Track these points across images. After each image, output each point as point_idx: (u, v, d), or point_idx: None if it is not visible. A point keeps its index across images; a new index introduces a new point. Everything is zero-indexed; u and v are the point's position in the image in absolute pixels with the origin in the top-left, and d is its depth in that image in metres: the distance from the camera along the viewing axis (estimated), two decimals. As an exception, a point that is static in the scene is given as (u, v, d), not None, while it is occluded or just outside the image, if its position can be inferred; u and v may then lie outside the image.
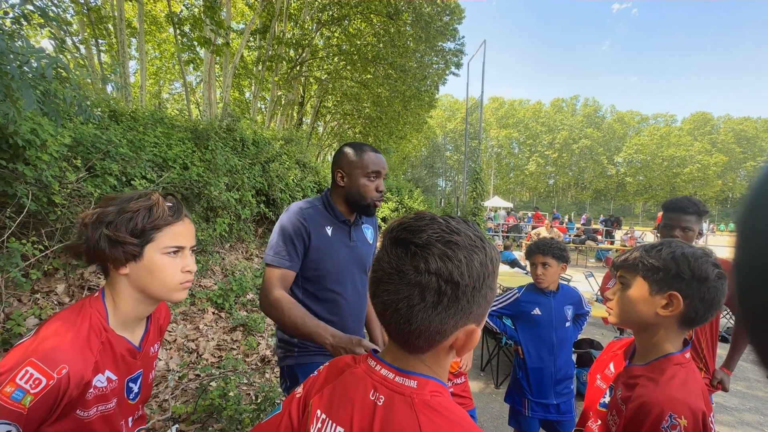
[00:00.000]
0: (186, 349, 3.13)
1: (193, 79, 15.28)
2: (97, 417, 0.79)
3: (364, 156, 1.38)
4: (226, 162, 4.71)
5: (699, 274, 0.84)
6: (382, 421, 0.53)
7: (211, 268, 4.43)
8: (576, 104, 55.99)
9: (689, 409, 0.76)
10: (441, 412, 0.52)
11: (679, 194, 1.81)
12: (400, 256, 0.52)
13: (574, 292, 1.94)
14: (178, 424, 2.24)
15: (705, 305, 0.84)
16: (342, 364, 0.66)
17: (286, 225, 1.35)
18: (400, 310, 0.52)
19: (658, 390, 0.81)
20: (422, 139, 29.32)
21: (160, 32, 12.27)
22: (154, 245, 0.82)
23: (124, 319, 0.85)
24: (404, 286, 0.51)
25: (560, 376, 1.82)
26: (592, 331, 4.94)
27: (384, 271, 0.53)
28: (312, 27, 11.39)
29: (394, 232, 0.55)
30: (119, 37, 6.91)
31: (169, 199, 0.88)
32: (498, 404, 3.06)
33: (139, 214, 0.81)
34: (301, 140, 9.02)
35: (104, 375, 0.79)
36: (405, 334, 0.54)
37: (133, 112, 4.65)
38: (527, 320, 1.87)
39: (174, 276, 0.85)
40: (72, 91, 1.69)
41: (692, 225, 1.72)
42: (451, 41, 14.63)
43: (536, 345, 1.84)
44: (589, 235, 13.69)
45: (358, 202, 1.40)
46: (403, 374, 0.56)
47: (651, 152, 47.56)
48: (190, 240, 0.90)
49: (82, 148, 2.97)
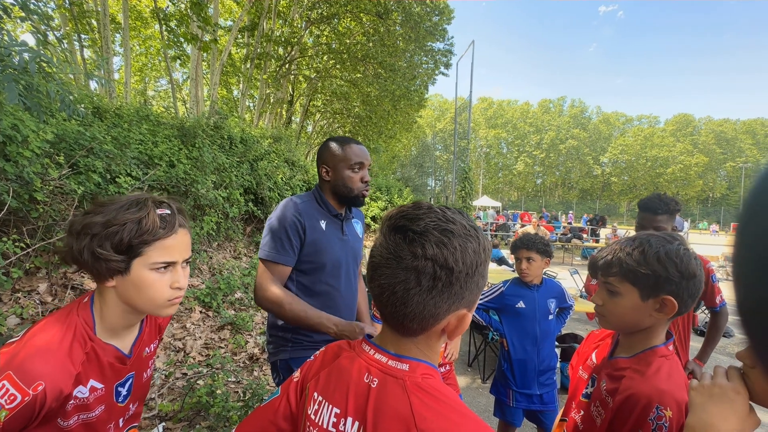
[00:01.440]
0: (173, 348, 3.10)
1: (179, 76, 15.04)
2: (77, 425, 0.77)
3: (347, 148, 1.40)
4: (213, 160, 4.67)
5: (687, 273, 0.83)
6: (375, 403, 0.55)
7: (198, 267, 4.39)
8: (563, 105, 56.90)
9: (674, 401, 0.78)
10: (431, 393, 0.54)
11: (670, 195, 1.88)
12: (398, 242, 0.54)
13: (557, 286, 1.99)
14: (164, 423, 2.22)
15: (693, 299, 0.86)
16: (337, 348, 0.68)
17: (281, 220, 1.35)
18: (396, 293, 0.54)
19: (644, 382, 0.82)
20: (412, 138, 29.42)
21: (145, 28, 12.06)
22: (142, 260, 0.77)
23: (112, 328, 0.83)
24: (401, 270, 0.53)
25: (543, 367, 1.87)
26: (577, 326, 5.05)
27: (382, 256, 0.55)
28: (301, 25, 11.33)
29: (393, 219, 0.57)
30: (103, 32, 6.77)
31: (164, 207, 0.81)
32: (484, 398, 3.11)
33: (126, 228, 0.75)
34: (290, 139, 8.98)
35: (87, 386, 0.78)
36: (400, 316, 0.56)
37: (117, 108, 4.58)
38: (512, 313, 1.92)
39: (162, 293, 0.80)
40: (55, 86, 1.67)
41: (663, 224, 1.79)
42: (441, 41, 14.71)
43: (520, 337, 1.89)
44: (575, 234, 13.95)
45: (345, 195, 1.41)
46: (396, 358, 0.58)
47: (635, 153, 48.65)
48: (184, 253, 0.83)
49: (65, 145, 2.92)
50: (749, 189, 0.27)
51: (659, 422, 0.76)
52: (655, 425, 0.76)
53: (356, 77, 12.81)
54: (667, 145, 48.41)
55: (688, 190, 47.01)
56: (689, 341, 1.84)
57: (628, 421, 0.80)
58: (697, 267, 0.85)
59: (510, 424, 1.94)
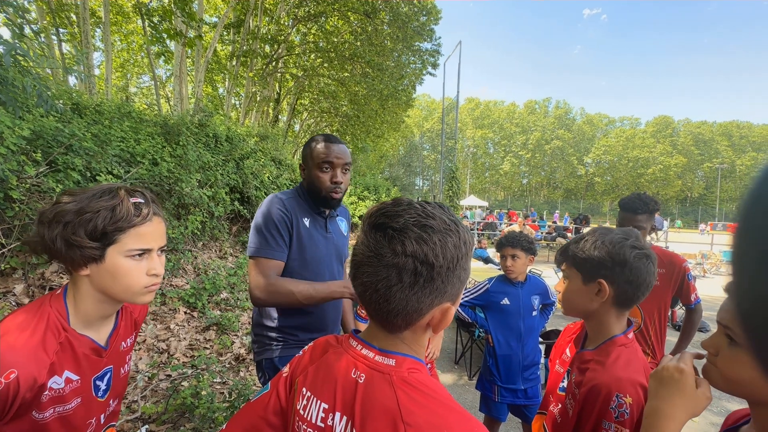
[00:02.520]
0: (156, 350, 3.04)
1: (162, 73, 14.73)
2: (53, 419, 0.76)
3: (316, 147, 1.37)
4: (198, 158, 4.59)
5: (619, 259, 0.90)
6: (363, 397, 0.56)
7: (182, 267, 4.31)
8: (548, 106, 57.82)
9: (633, 387, 0.81)
10: (418, 388, 0.55)
11: (649, 194, 1.94)
12: (378, 239, 0.55)
13: (541, 283, 2.03)
14: (147, 425, 2.18)
15: (632, 286, 0.90)
16: (325, 344, 0.69)
17: (270, 215, 1.32)
18: (379, 290, 0.54)
19: (605, 372, 0.86)
20: (400, 138, 29.49)
21: (127, 23, 11.76)
22: (117, 248, 0.77)
23: (86, 319, 0.81)
24: (383, 267, 0.54)
25: (527, 363, 1.91)
26: (561, 322, 5.15)
27: (364, 254, 0.56)
28: (288, 23, 11.22)
29: (373, 217, 0.57)
30: (82, 26, 6.57)
31: (137, 195, 0.81)
32: (471, 394, 3.15)
33: (100, 215, 0.75)
34: (277, 137, 8.89)
35: (62, 376, 0.76)
36: (384, 313, 0.56)
37: (97, 105, 4.46)
38: (497, 310, 1.95)
39: (138, 280, 0.80)
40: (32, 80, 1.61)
41: (643, 223, 1.84)
42: (428, 41, 14.78)
43: (505, 333, 1.92)
44: (560, 233, 14.21)
45: (316, 194, 1.39)
46: (382, 353, 0.59)
47: (617, 153, 49.83)
48: (159, 241, 0.84)
49: (42, 142, 2.83)
50: (749, 186, 0.27)
51: (620, 410, 0.80)
52: (617, 413, 0.80)
53: (344, 76, 12.76)
54: (647, 146, 49.73)
55: (667, 190, 48.39)
56: (665, 336, 1.90)
57: (593, 411, 0.84)
58: (630, 254, 0.90)
59: (495, 418, 1.97)
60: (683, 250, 11.18)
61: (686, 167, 48.71)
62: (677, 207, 46.02)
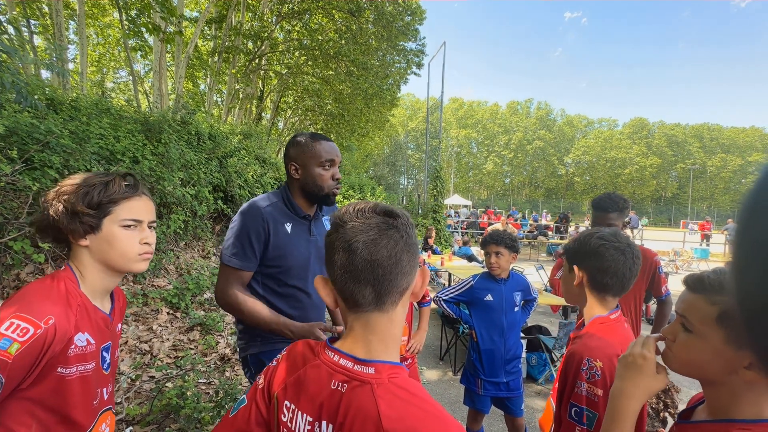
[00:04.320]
0: (139, 351, 2.99)
1: (141, 68, 14.31)
2: (77, 377, 0.81)
3: (317, 145, 1.35)
4: (180, 156, 4.52)
5: (586, 249, 1.05)
6: (346, 407, 0.58)
7: (164, 267, 4.23)
8: (530, 107, 58.89)
9: (605, 355, 0.92)
10: (398, 395, 0.58)
11: (620, 193, 2.05)
12: (376, 218, 0.61)
13: (523, 280, 2.11)
14: (132, 427, 2.15)
15: (600, 272, 1.03)
16: (300, 355, 0.69)
17: (244, 224, 1.32)
18: (387, 259, 0.59)
19: (580, 343, 0.99)
20: (384, 137, 29.51)
21: (103, 16, 11.38)
22: (112, 218, 0.87)
23: (92, 289, 0.89)
24: (389, 239, 0.60)
25: (509, 356, 1.98)
26: (542, 318, 5.29)
27: (367, 235, 0.60)
28: (272, 19, 11.09)
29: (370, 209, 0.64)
30: (55, 18, 6.32)
31: (127, 178, 0.92)
32: (455, 389, 3.22)
33: (96, 188, 0.86)
34: (260, 135, 8.79)
35: (84, 335, 0.83)
36: (381, 290, 0.60)
37: (73, 100, 4.32)
38: (480, 306, 2.02)
39: (132, 247, 0.90)
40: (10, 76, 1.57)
41: (615, 221, 1.96)
42: (413, 41, 14.86)
43: (488, 328, 1.99)
44: (541, 231, 14.55)
45: (315, 194, 1.39)
46: (361, 362, 0.61)
47: (596, 154, 51.21)
48: (149, 215, 0.94)
49: (16, 138, 2.74)
50: (751, 189, 0.27)
51: (591, 372, 0.91)
52: (589, 374, 0.91)
53: (328, 74, 12.68)
54: (624, 147, 51.28)
55: (643, 190, 50.04)
56: (640, 328, 2.01)
57: (569, 376, 0.96)
58: (596, 244, 1.04)
59: (479, 411, 2.04)
60: (658, 248, 11.64)
61: (660, 168, 50.49)
62: (652, 206, 47.68)
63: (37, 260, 2.71)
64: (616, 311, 1.06)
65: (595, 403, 0.88)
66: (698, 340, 0.68)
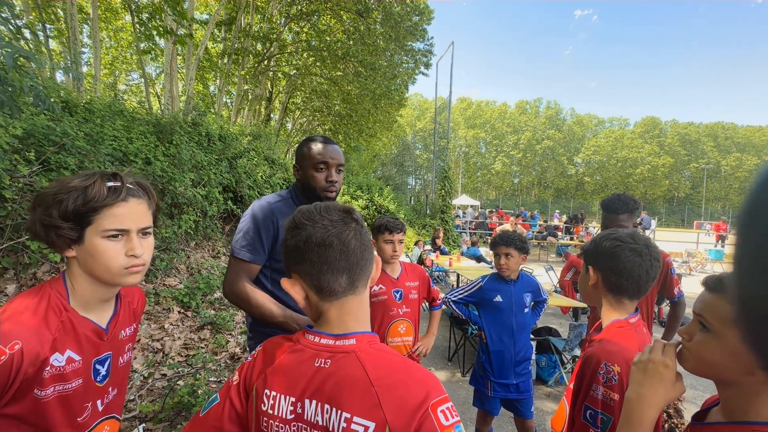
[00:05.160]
0: (151, 349, 3.04)
1: (152, 71, 14.54)
2: (54, 397, 0.78)
3: (312, 148, 1.42)
4: (191, 157, 4.58)
5: (600, 249, 1.05)
6: (332, 380, 0.62)
7: (175, 267, 4.29)
8: (539, 106, 58.34)
9: (623, 359, 0.90)
10: (381, 355, 0.64)
11: (632, 194, 2.03)
12: (345, 219, 0.69)
13: (533, 281, 2.09)
14: (144, 424, 2.19)
15: (614, 273, 1.02)
16: (276, 345, 0.72)
17: (254, 218, 1.37)
18: (360, 248, 0.69)
19: (597, 346, 0.97)
20: (392, 137, 29.48)
21: (116, 19, 11.58)
22: (94, 228, 0.78)
23: (84, 301, 0.84)
24: (362, 233, 0.70)
25: (519, 358, 1.97)
26: (551, 320, 5.25)
27: (347, 235, 0.68)
28: (280, 21, 11.17)
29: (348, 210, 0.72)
30: (70, 22, 6.47)
31: (116, 179, 0.82)
32: (464, 390, 3.21)
33: (71, 196, 0.76)
34: (269, 136, 8.86)
35: (64, 355, 0.78)
36: (358, 273, 0.68)
37: (87, 103, 4.41)
38: (490, 307, 2.01)
39: (116, 260, 0.80)
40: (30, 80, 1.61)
41: (625, 222, 1.93)
42: (421, 41, 14.83)
43: (498, 329, 1.98)
44: (550, 232, 14.40)
45: (310, 194, 1.44)
46: (342, 337, 0.66)
47: (607, 153, 50.51)
48: (137, 222, 0.84)
49: (33, 140, 2.80)
50: (752, 188, 0.27)
51: (608, 376, 0.90)
52: (606, 378, 0.90)
53: (336, 75, 12.73)
54: (636, 146, 50.49)
55: (655, 190, 49.22)
56: (652, 332, 1.98)
57: (585, 378, 0.96)
58: (608, 245, 1.03)
59: (488, 412, 2.02)
60: (671, 249, 11.43)
61: (673, 167, 49.58)
62: (664, 206, 46.85)
63: (53, 259, 2.78)
64: (635, 315, 1.04)
65: (611, 407, 0.88)
66: (716, 339, 0.67)
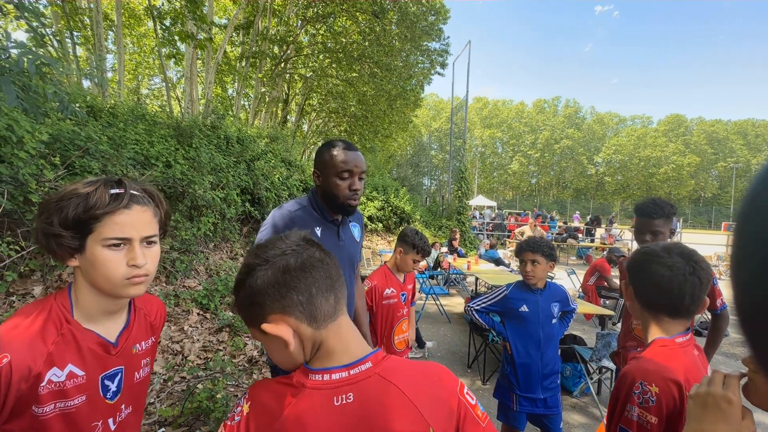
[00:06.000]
0: (171, 351, 3.06)
1: (173, 75, 14.89)
2: (55, 415, 0.74)
3: (335, 155, 1.37)
4: (210, 160, 4.62)
5: (633, 263, 1.01)
6: (364, 412, 0.57)
7: (195, 268, 4.34)
8: (557, 105, 57.21)
9: (662, 380, 0.84)
10: (402, 370, 0.62)
11: (655, 194, 1.90)
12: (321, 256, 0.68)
13: (561, 290, 1.99)
14: (164, 428, 2.19)
15: (649, 290, 0.96)
16: (272, 399, 0.60)
17: (275, 226, 1.33)
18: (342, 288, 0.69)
19: (635, 364, 0.92)
20: (408, 138, 29.45)
21: (138, 26, 11.91)
22: (95, 236, 0.76)
23: (88, 312, 0.80)
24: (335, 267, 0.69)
25: (547, 372, 1.87)
26: (575, 326, 5.08)
27: (326, 269, 0.66)
28: (297, 24, 11.26)
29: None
30: (95, 29, 6.66)
31: (120, 186, 0.79)
32: (485, 400, 3.11)
33: (71, 204, 0.74)
34: (286, 138, 8.93)
35: (64, 370, 0.75)
36: (344, 304, 0.68)
37: (111, 107, 4.51)
38: (515, 317, 1.92)
39: (117, 270, 0.77)
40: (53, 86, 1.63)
41: (660, 228, 1.79)
42: (437, 41, 14.71)
43: (524, 341, 1.88)
44: (571, 233, 14.03)
45: (332, 202, 1.39)
46: (355, 365, 0.61)
47: (628, 153, 49.06)
48: (140, 230, 0.80)
49: (59, 145, 2.87)
50: (748, 188, 0.27)
51: (645, 396, 0.84)
52: (642, 399, 0.84)
53: (352, 76, 12.75)
54: (659, 145, 48.86)
55: (680, 190, 47.51)
56: None
57: (620, 398, 0.90)
58: (641, 259, 0.98)
59: (513, 428, 1.94)
60: (698, 252, 10.94)
61: (699, 166, 47.75)
62: (690, 207, 45.14)
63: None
64: (684, 335, 0.95)
65: (647, 431, 0.81)
66: None
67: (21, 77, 1.44)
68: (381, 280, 2.14)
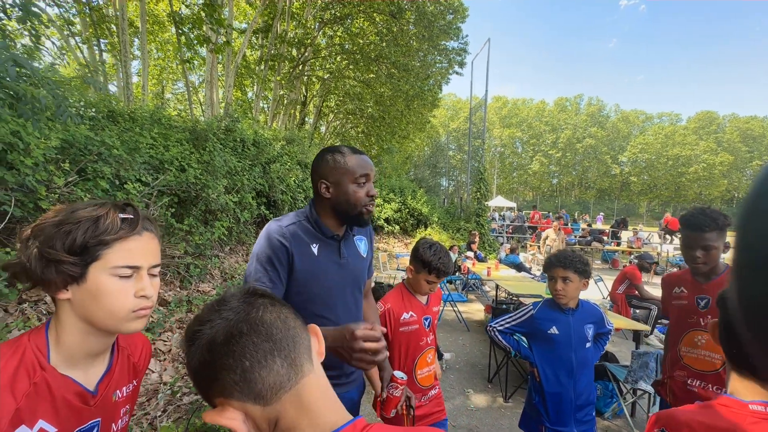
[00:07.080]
0: (181, 360, 3.00)
1: (195, 79, 15.19)
2: None
3: (350, 159, 1.22)
4: (224, 164, 4.59)
5: (753, 306, 0.82)
6: None
7: (209, 272, 4.31)
8: (580, 103, 55.58)
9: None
10: None
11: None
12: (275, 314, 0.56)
13: (596, 310, 1.79)
14: (169, 445, 2.11)
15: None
16: None
17: (264, 247, 1.19)
18: None
19: (673, 410, 0.82)
20: (425, 138, 29.20)
21: (162, 32, 12.18)
22: (101, 264, 0.67)
23: (69, 355, 0.70)
24: None
25: (581, 402, 1.67)
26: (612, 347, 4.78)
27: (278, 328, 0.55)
28: (314, 26, 11.27)
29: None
30: (121, 36, 6.80)
31: (128, 210, 0.73)
32: (507, 420, 2.92)
33: (80, 227, 0.66)
34: (303, 140, 8.91)
35: (33, 427, 0.65)
36: None
37: (131, 112, 4.54)
38: (543, 339, 1.73)
39: (124, 302, 0.69)
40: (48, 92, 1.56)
41: (713, 242, 1.55)
42: (455, 40, 14.48)
43: (554, 367, 1.69)
44: (595, 237, 13.49)
45: (348, 213, 1.24)
46: None
47: (656, 151, 47.10)
48: (150, 259, 0.73)
49: (74, 150, 2.85)
50: (750, 188, 0.27)
51: None
52: None
53: (369, 77, 12.69)
54: (689, 143, 46.65)
55: (711, 190, 45.22)
56: None
57: None
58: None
59: (542, 462, 1.75)
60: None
61: (733, 165, 45.33)
62: (722, 208, 42.93)
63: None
64: (763, 403, 0.73)
65: None
66: None
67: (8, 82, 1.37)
68: (397, 302, 1.70)
